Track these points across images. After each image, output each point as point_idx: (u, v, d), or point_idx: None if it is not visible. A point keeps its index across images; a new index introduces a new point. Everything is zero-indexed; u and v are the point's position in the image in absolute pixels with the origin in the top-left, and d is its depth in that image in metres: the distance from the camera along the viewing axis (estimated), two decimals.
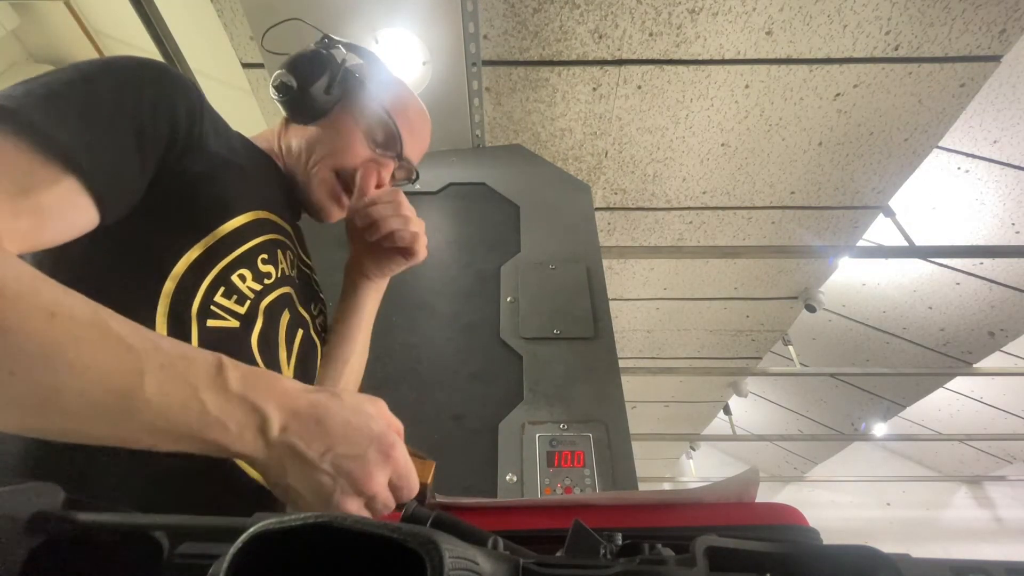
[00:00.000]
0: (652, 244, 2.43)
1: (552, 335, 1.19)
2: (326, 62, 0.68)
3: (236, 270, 0.53)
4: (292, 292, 0.63)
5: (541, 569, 0.24)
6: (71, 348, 0.32)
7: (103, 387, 0.33)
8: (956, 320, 2.96)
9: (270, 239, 0.59)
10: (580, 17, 1.57)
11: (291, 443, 0.38)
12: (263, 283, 0.56)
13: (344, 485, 0.39)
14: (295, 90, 0.66)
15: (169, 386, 0.34)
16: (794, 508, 0.39)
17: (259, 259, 0.56)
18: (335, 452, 0.38)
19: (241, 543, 0.21)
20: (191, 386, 0.35)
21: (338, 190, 0.69)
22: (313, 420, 0.39)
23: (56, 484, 0.29)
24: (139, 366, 0.34)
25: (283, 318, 0.60)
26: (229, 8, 1.58)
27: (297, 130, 0.70)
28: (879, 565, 0.23)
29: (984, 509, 5.13)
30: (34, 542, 0.26)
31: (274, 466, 0.38)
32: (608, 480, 0.95)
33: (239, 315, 0.53)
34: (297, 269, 0.67)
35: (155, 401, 0.34)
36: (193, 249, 0.50)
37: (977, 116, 2.12)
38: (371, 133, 0.69)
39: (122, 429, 0.34)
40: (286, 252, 0.62)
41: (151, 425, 0.34)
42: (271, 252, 0.58)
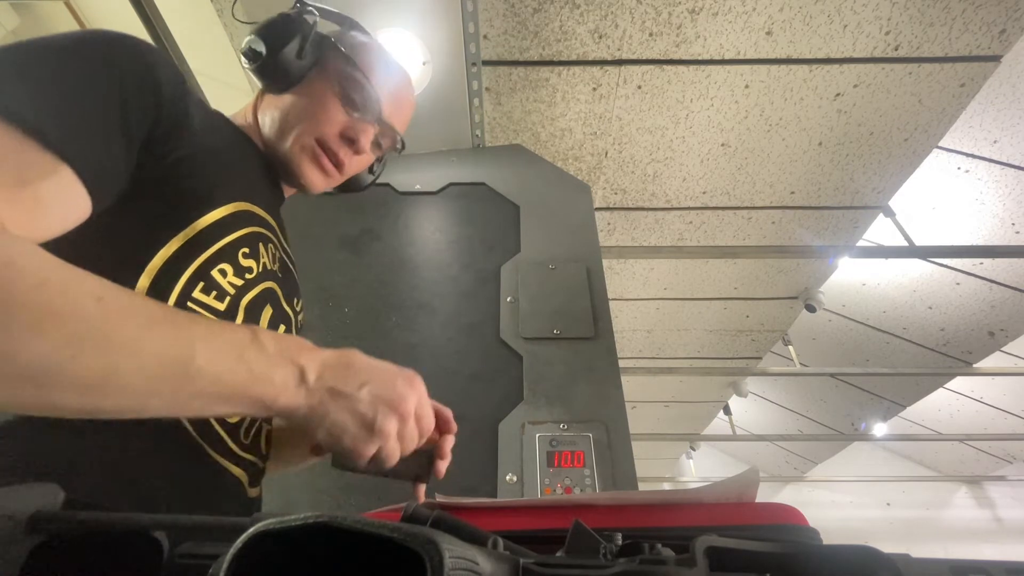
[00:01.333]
0: (652, 244, 2.43)
1: (552, 335, 1.19)
2: (296, 25, 0.65)
3: (216, 265, 0.51)
4: (275, 287, 0.61)
5: (541, 569, 0.24)
6: (124, 328, 0.34)
7: (159, 361, 0.35)
8: (956, 320, 2.96)
9: (252, 232, 0.56)
10: (580, 17, 1.57)
11: (329, 385, 0.43)
12: (244, 278, 0.54)
13: (383, 409, 0.45)
14: (264, 56, 0.63)
15: (217, 353, 0.37)
16: (794, 508, 0.39)
17: (240, 253, 0.54)
18: (369, 385, 0.45)
19: (241, 543, 0.21)
20: (235, 351, 0.39)
21: (321, 157, 0.66)
22: (343, 366, 0.45)
23: (56, 484, 0.29)
24: (188, 338, 0.36)
25: (264, 314, 0.58)
26: (229, 8, 1.58)
27: (271, 100, 0.67)
28: (879, 565, 0.23)
29: (984, 509, 5.13)
30: (34, 542, 0.26)
31: (317, 409, 0.43)
32: (608, 480, 0.95)
33: (219, 312, 0.51)
34: (280, 263, 0.64)
35: (207, 368, 0.36)
36: (171, 243, 0.48)
37: (977, 116, 2.12)
38: (347, 96, 0.66)
39: (178, 398, 0.36)
40: (268, 245, 0.60)
41: (205, 391, 0.37)
42: (253, 246, 0.56)
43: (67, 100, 0.40)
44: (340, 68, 0.66)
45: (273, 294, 0.60)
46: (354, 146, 0.67)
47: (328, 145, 0.65)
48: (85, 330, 0.32)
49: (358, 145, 0.66)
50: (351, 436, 0.44)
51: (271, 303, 0.60)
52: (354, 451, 0.45)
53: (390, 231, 1.43)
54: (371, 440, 0.45)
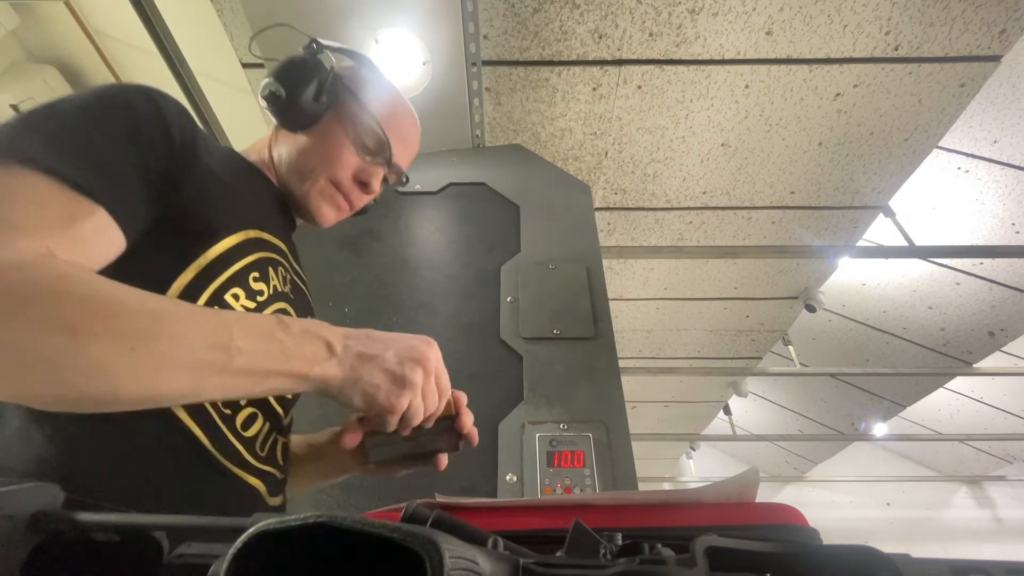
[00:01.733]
0: (652, 244, 2.43)
1: (552, 335, 1.19)
2: (314, 69, 0.69)
3: (229, 290, 0.54)
4: (288, 307, 0.64)
5: (541, 569, 0.24)
6: (169, 322, 0.39)
7: (204, 345, 0.40)
8: (956, 320, 2.96)
9: (261, 257, 0.59)
10: (580, 17, 1.57)
11: (357, 351, 0.48)
12: (256, 300, 0.57)
13: (409, 364, 0.50)
14: (284, 99, 0.67)
15: (252, 336, 0.42)
16: (794, 508, 0.39)
17: (250, 277, 0.57)
18: (393, 347, 0.50)
19: (241, 543, 0.21)
20: (267, 333, 0.43)
21: (336, 197, 0.70)
22: (364, 336, 0.50)
23: (56, 484, 0.29)
24: (225, 324, 0.41)
25: None
26: (229, 8, 1.58)
27: (287, 138, 0.71)
28: (879, 565, 0.23)
29: (984, 509, 5.13)
30: (34, 542, 0.26)
31: (348, 374, 0.47)
32: (608, 480, 0.95)
33: None
34: (291, 284, 0.67)
35: (246, 349, 0.41)
36: (186, 272, 0.51)
37: (977, 116, 2.12)
38: (360, 141, 0.70)
39: (225, 378, 0.41)
40: (278, 268, 0.63)
41: (246, 369, 0.41)
42: (262, 270, 0.59)
43: (96, 151, 0.46)
44: (354, 113, 0.69)
45: (286, 315, 0.63)
46: (366, 188, 0.72)
47: (342, 187, 0.70)
48: (136, 327, 0.37)
49: (370, 187, 0.72)
50: (384, 392, 0.48)
51: None
52: (388, 407, 0.49)
53: (390, 231, 1.43)
54: (403, 392, 0.49)
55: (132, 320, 0.37)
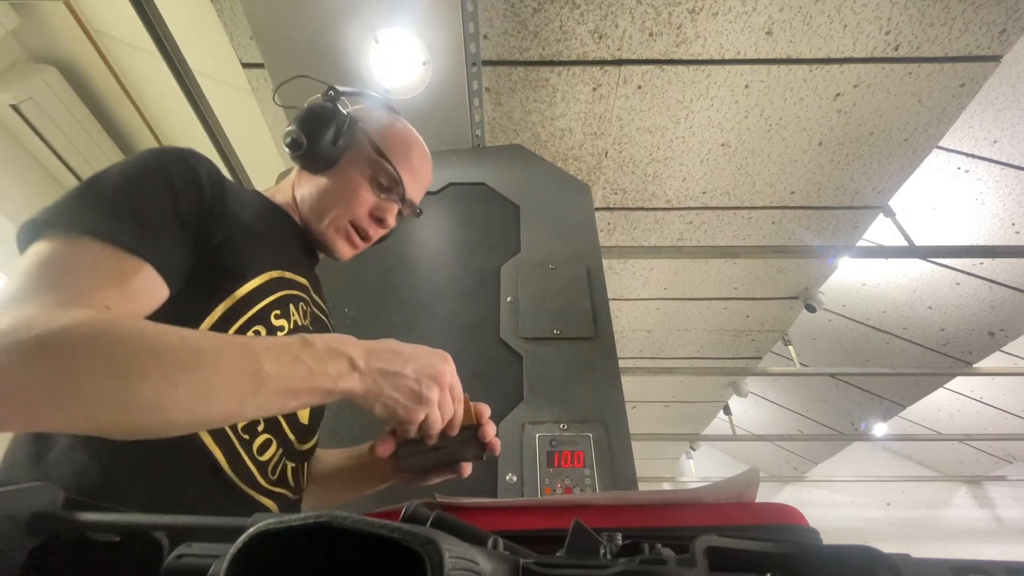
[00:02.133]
0: (652, 244, 2.43)
1: (552, 335, 1.19)
2: (332, 115, 0.74)
3: (251, 327, 0.59)
4: None
5: (541, 569, 0.24)
6: (205, 355, 0.43)
7: (238, 371, 0.44)
8: (956, 320, 2.96)
9: (283, 295, 0.65)
10: (580, 17, 1.57)
11: (379, 367, 0.52)
12: (276, 336, 0.62)
13: (426, 381, 0.54)
14: (304, 146, 0.72)
15: (278, 359, 0.46)
16: (794, 508, 0.39)
17: (272, 315, 0.62)
18: (412, 363, 0.54)
19: (241, 543, 0.21)
20: (292, 355, 0.47)
21: (352, 235, 0.76)
22: (387, 351, 0.53)
23: (56, 484, 0.29)
24: (254, 352, 0.45)
25: None
26: (229, 8, 1.58)
27: (309, 179, 0.77)
28: (879, 565, 0.23)
29: (984, 509, 5.13)
30: (34, 542, 0.26)
31: (372, 388, 0.51)
32: (608, 480, 0.95)
33: None
34: (312, 318, 0.73)
35: (274, 372, 0.45)
36: (215, 311, 0.57)
37: (977, 116, 2.12)
38: (376, 180, 0.76)
39: (261, 400, 0.45)
40: (299, 304, 0.68)
41: (277, 390, 0.45)
42: (283, 307, 0.64)
43: (140, 214, 0.52)
44: (370, 156, 0.76)
45: None
46: (382, 224, 0.78)
47: (359, 224, 0.76)
48: (179, 364, 0.42)
49: (385, 223, 0.77)
50: (403, 406, 0.53)
51: None
52: (407, 419, 0.53)
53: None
54: (420, 408, 0.53)
55: (174, 358, 0.42)
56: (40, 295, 0.44)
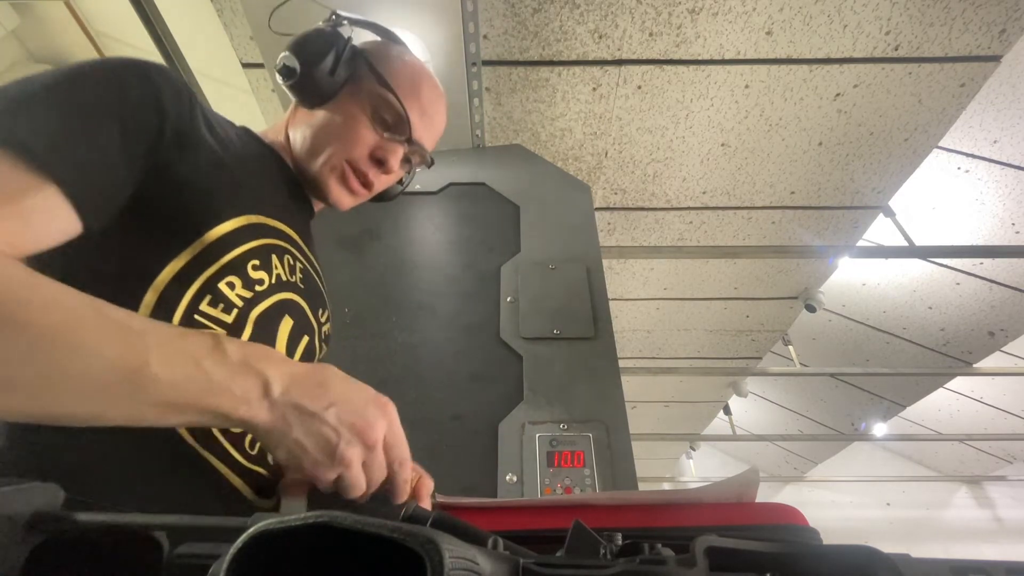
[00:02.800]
0: (652, 244, 2.43)
1: (552, 335, 1.19)
2: (331, 41, 0.66)
3: (224, 278, 0.51)
4: (296, 297, 0.60)
5: (541, 569, 0.24)
6: (74, 334, 0.34)
7: (111, 366, 0.34)
8: (956, 320, 2.96)
9: (263, 244, 0.56)
10: (580, 17, 1.57)
11: (294, 401, 0.40)
12: (254, 290, 0.54)
13: (347, 435, 0.41)
14: (299, 73, 0.64)
15: (173, 361, 0.36)
16: (794, 508, 0.39)
17: (249, 265, 0.53)
18: (337, 406, 0.41)
19: (241, 543, 0.21)
20: (193, 359, 0.37)
21: (350, 178, 0.66)
22: (314, 382, 0.42)
23: (56, 484, 0.29)
24: (143, 344, 0.36)
25: (283, 325, 0.58)
26: (229, 8, 1.58)
27: (304, 115, 0.68)
28: (879, 565, 0.23)
29: (984, 509, 5.13)
30: (34, 542, 0.26)
31: (278, 425, 0.40)
32: (608, 480, 0.95)
33: (226, 324, 0.51)
34: (302, 273, 0.64)
35: (162, 375, 0.35)
36: (179, 258, 0.48)
37: (977, 116, 2.12)
38: (379, 116, 0.66)
39: (133, 406, 0.36)
40: (283, 256, 0.60)
41: (158, 399, 0.36)
42: (264, 258, 0.56)
43: (64, 124, 0.42)
44: (372, 88, 0.66)
45: (293, 305, 0.60)
46: (383, 167, 0.67)
47: (358, 166, 0.66)
48: (35, 337, 0.33)
49: (387, 166, 0.67)
50: (311, 459, 0.41)
51: (290, 314, 0.59)
52: (314, 476, 0.41)
53: (390, 231, 1.43)
54: (332, 467, 0.41)
55: (29, 330, 0.33)
56: None
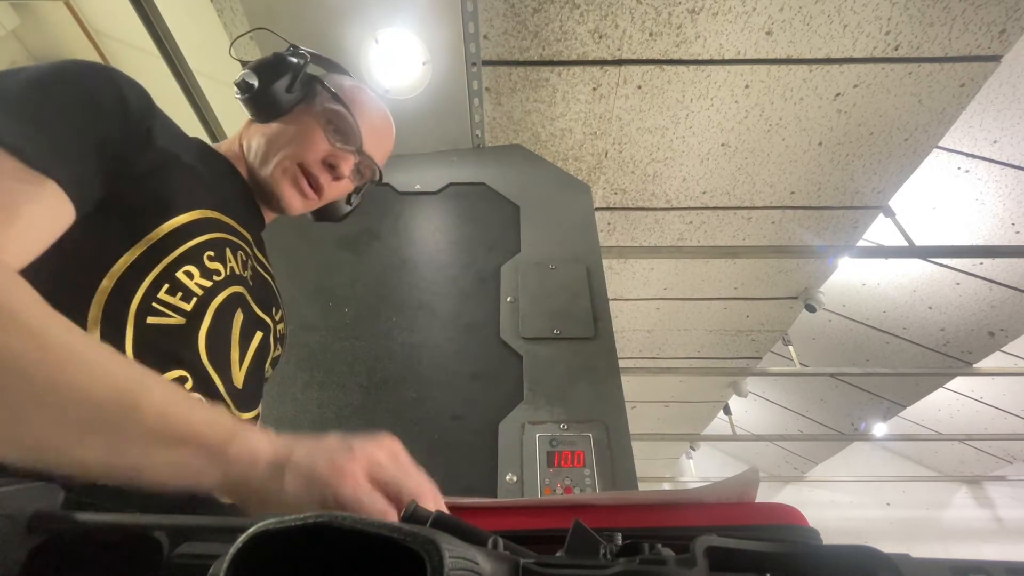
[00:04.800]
0: (652, 244, 2.43)
1: (552, 335, 1.19)
2: (288, 64, 0.70)
3: (182, 266, 0.52)
4: (245, 293, 0.62)
5: (541, 569, 0.24)
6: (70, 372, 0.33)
7: (105, 402, 0.33)
8: (956, 320, 2.96)
9: (217, 237, 0.58)
10: (580, 17, 1.57)
11: None
12: (212, 280, 0.55)
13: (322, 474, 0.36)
14: (256, 88, 0.68)
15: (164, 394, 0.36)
16: (794, 508, 0.39)
17: (205, 256, 0.55)
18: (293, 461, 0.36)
19: (241, 543, 0.21)
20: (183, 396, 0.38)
21: (300, 180, 0.69)
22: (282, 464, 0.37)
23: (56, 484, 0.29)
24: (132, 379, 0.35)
25: (236, 318, 0.59)
26: (229, 8, 1.58)
27: (258, 128, 0.71)
28: (879, 565, 0.23)
29: (984, 509, 5.13)
30: (34, 542, 0.26)
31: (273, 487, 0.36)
32: (608, 480, 0.95)
33: (185, 311, 0.52)
34: (252, 271, 0.66)
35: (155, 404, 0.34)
36: (134, 247, 0.50)
37: (977, 116, 2.12)
38: (331, 126, 0.70)
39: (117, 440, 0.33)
40: (237, 252, 0.62)
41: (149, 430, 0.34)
42: (218, 250, 0.57)
43: (45, 124, 0.44)
44: (325, 102, 0.70)
45: (243, 299, 0.61)
46: (334, 172, 0.70)
47: (310, 170, 0.69)
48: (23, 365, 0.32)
49: (338, 171, 0.70)
50: None
51: (241, 308, 0.60)
52: None
53: (390, 231, 1.43)
54: None
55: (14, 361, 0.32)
56: None
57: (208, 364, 0.53)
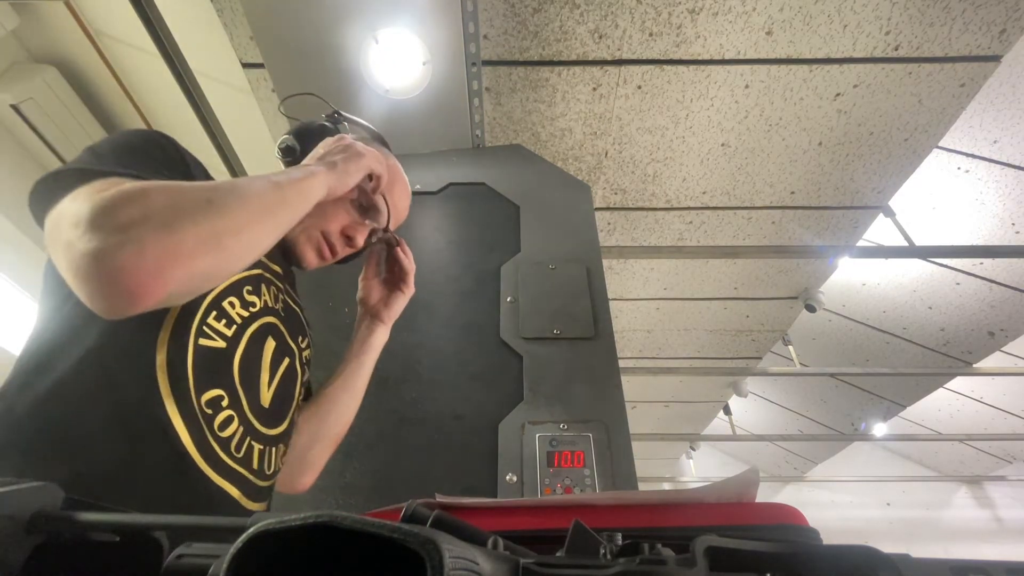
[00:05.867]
0: (652, 244, 2.43)
1: (552, 335, 1.19)
2: (329, 133, 0.80)
3: (226, 298, 0.61)
4: (278, 323, 0.70)
5: (541, 569, 0.24)
6: (244, 199, 0.51)
7: (270, 200, 0.53)
8: (956, 320, 2.96)
9: (254, 274, 0.67)
10: (580, 17, 1.57)
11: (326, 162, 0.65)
12: (249, 311, 0.64)
13: None
14: (297, 153, 0.78)
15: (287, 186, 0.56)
16: (794, 508, 0.39)
17: (244, 290, 0.64)
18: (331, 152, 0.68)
19: (241, 543, 0.21)
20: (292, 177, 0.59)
21: (323, 247, 0.77)
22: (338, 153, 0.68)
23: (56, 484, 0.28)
24: (273, 183, 0.55)
25: (268, 345, 0.67)
26: (229, 8, 1.58)
27: None
28: (879, 565, 0.23)
29: (984, 509, 5.13)
30: (34, 542, 0.26)
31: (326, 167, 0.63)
32: (608, 480, 0.95)
33: (226, 336, 0.60)
34: (284, 304, 0.74)
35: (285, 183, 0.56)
36: None
37: (977, 116, 2.12)
38: (358, 201, 0.78)
39: (283, 215, 0.55)
40: (270, 287, 0.70)
41: (290, 204, 0.56)
42: (255, 285, 0.66)
43: (134, 162, 0.56)
44: None
45: (275, 328, 0.69)
46: (351, 243, 0.79)
47: (330, 239, 0.77)
48: (228, 206, 0.49)
49: (354, 243, 0.79)
50: None
51: (272, 335, 0.68)
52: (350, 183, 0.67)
53: None
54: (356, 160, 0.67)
55: (224, 211, 0.48)
56: None
57: (239, 384, 0.61)
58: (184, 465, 0.53)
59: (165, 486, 0.52)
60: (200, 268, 0.46)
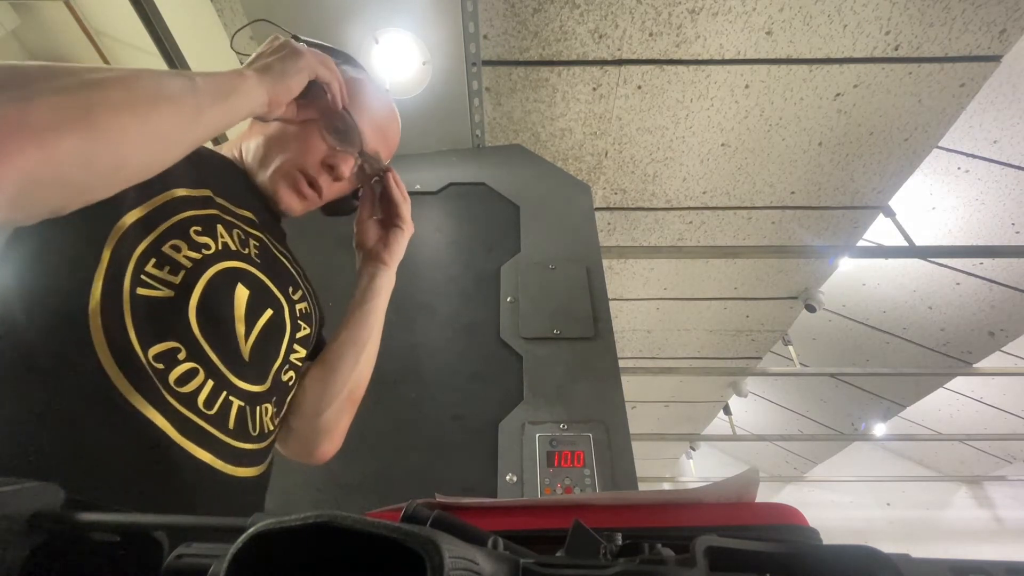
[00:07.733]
0: (652, 244, 2.43)
1: (552, 335, 1.19)
2: None
3: (168, 241, 0.53)
4: (251, 268, 0.62)
5: (541, 569, 0.24)
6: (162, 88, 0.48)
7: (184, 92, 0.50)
8: (956, 320, 2.96)
9: (206, 214, 0.59)
10: (580, 17, 1.57)
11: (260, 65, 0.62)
12: (202, 252, 0.56)
13: None
14: None
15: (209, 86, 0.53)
16: (794, 508, 0.39)
17: (191, 230, 0.56)
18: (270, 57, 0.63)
19: (241, 543, 0.21)
20: None
21: (300, 182, 0.69)
22: None
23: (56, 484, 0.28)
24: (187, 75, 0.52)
25: (238, 292, 0.59)
26: (229, 8, 1.58)
27: (258, 128, 0.71)
28: (879, 565, 0.23)
29: (984, 509, 5.13)
30: (34, 542, 0.26)
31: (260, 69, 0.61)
32: (608, 480, 0.95)
33: (173, 284, 0.53)
34: (260, 251, 0.66)
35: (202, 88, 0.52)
36: (129, 215, 0.52)
37: (977, 116, 2.12)
38: (329, 125, 0.69)
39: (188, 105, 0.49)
40: (232, 229, 0.61)
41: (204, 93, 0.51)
42: (206, 225, 0.58)
43: None
44: (324, 102, 0.68)
45: (247, 274, 0.61)
46: (334, 172, 0.70)
47: (308, 172, 0.69)
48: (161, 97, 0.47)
49: (337, 172, 0.70)
50: None
51: (244, 283, 0.60)
52: None
53: None
54: None
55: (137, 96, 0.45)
56: None
57: (200, 335, 0.53)
58: (134, 423, 0.46)
59: (113, 449, 0.46)
60: (65, 149, 0.38)
